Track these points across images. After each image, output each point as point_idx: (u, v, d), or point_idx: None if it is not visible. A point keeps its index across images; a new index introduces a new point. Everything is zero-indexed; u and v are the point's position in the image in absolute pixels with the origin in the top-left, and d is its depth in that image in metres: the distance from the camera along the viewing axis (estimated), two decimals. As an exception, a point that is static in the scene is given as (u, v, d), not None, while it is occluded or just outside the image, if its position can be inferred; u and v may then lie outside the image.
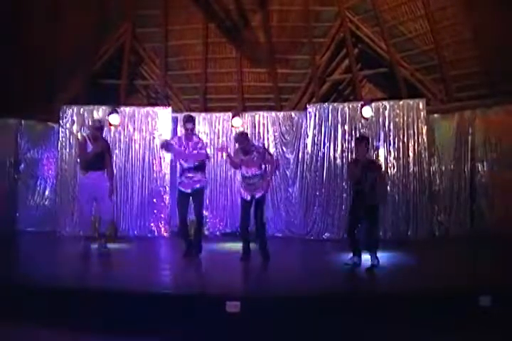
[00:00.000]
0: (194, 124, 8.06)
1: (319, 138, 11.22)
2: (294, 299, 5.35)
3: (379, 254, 7.22)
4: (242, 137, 7.76)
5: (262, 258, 7.67)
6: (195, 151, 7.76)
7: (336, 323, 5.05)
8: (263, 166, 7.70)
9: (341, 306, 5.21)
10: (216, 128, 11.85)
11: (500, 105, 10.33)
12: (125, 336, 4.93)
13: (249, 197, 7.62)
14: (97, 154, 8.03)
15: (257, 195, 7.62)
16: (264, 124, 11.83)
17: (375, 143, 10.71)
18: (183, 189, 7.83)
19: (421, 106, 10.84)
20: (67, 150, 11.36)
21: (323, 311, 5.13)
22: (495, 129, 10.38)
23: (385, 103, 11.07)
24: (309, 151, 11.26)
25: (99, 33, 12.17)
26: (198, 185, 7.79)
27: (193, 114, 11.80)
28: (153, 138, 11.43)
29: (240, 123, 11.43)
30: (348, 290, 5.81)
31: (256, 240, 7.85)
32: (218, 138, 11.74)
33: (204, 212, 11.44)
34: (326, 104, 11.57)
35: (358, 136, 10.39)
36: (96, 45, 12.24)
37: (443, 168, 10.93)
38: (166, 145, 7.90)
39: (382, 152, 10.83)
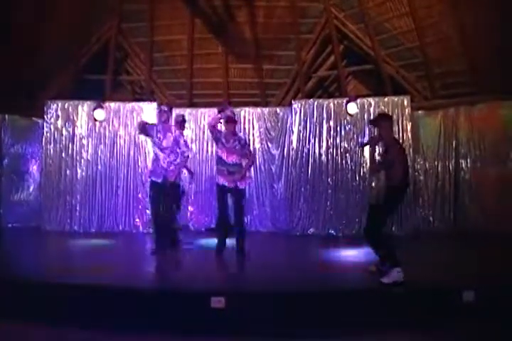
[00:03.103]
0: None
1: (304, 134, 11.25)
2: (279, 294, 5.38)
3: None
4: (233, 118, 7.78)
5: (238, 251, 7.65)
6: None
7: (321, 318, 5.09)
8: (242, 158, 7.69)
9: (326, 301, 5.25)
10: (202, 124, 11.84)
11: (484, 102, 10.44)
12: (110, 332, 4.94)
13: (230, 185, 7.55)
14: None
15: (241, 186, 7.61)
16: (249, 120, 11.85)
17: (359, 140, 10.80)
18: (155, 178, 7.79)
19: (405, 103, 10.90)
20: (52, 145, 11.30)
21: (308, 306, 5.17)
22: (478, 126, 10.49)
23: (370, 99, 11.12)
24: (294, 147, 11.29)
25: (85, 28, 12.10)
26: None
27: (178, 109, 11.94)
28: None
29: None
30: (333, 285, 5.83)
31: (234, 235, 7.78)
32: (203, 133, 11.73)
33: (190, 207, 11.62)
34: (312, 100, 11.60)
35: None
36: (81, 39, 12.17)
37: (427, 165, 11.05)
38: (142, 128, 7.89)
39: (366, 148, 10.85)
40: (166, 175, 7.56)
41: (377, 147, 6.50)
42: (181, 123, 8.85)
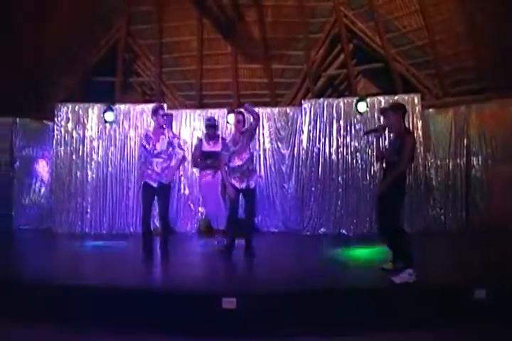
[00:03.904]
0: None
1: (314, 133, 11.21)
2: (290, 295, 5.35)
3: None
4: (242, 116, 7.81)
5: (247, 251, 7.64)
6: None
7: (332, 318, 5.07)
8: (251, 146, 7.77)
9: (336, 301, 5.23)
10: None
11: (495, 100, 10.35)
12: (120, 333, 4.94)
13: (243, 186, 7.54)
14: (215, 153, 8.26)
15: (252, 185, 7.59)
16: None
17: (370, 139, 10.74)
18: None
19: (416, 101, 10.85)
20: (62, 147, 11.31)
21: (319, 307, 5.15)
22: (490, 124, 10.41)
23: (380, 98, 11.06)
24: (304, 147, 11.25)
25: (94, 30, 12.15)
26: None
27: (188, 110, 11.99)
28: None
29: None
30: (343, 285, 5.81)
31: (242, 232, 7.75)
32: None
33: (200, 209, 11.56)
34: (321, 99, 11.55)
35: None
36: (90, 42, 12.21)
37: (438, 163, 10.98)
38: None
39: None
40: (160, 180, 7.32)
41: (381, 137, 6.43)
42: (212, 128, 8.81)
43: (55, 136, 11.37)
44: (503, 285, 5.43)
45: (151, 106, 11.33)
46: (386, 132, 7.22)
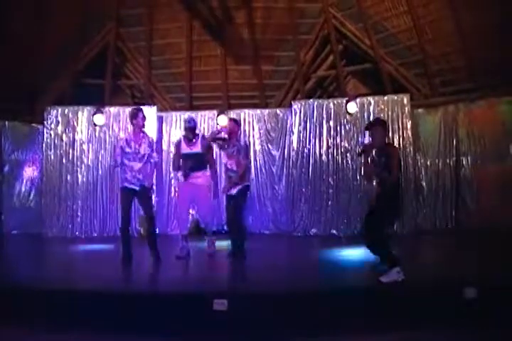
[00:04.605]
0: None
1: (305, 134, 11.23)
2: (281, 296, 5.35)
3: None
4: (235, 123, 7.84)
5: (238, 253, 7.58)
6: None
7: (323, 319, 5.07)
8: (241, 163, 7.60)
9: (328, 302, 5.23)
10: (202, 127, 11.80)
11: (483, 99, 10.43)
12: (111, 335, 4.92)
13: (228, 191, 7.59)
14: (195, 155, 7.76)
15: (234, 191, 7.57)
16: (249, 122, 11.84)
17: (360, 139, 10.78)
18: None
19: (405, 101, 10.89)
20: (52, 151, 11.29)
21: (310, 308, 5.14)
22: (478, 123, 10.48)
23: (370, 98, 11.09)
24: (295, 148, 11.27)
25: (84, 33, 12.11)
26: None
27: (178, 112, 11.97)
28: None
29: (226, 121, 11.37)
30: (334, 286, 5.81)
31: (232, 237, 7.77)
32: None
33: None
34: (311, 100, 11.58)
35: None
36: (80, 44, 12.17)
37: (428, 162, 11.03)
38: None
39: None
40: (142, 183, 7.21)
41: (370, 155, 6.46)
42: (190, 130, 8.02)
43: (45, 140, 11.35)
44: (493, 284, 5.45)
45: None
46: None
